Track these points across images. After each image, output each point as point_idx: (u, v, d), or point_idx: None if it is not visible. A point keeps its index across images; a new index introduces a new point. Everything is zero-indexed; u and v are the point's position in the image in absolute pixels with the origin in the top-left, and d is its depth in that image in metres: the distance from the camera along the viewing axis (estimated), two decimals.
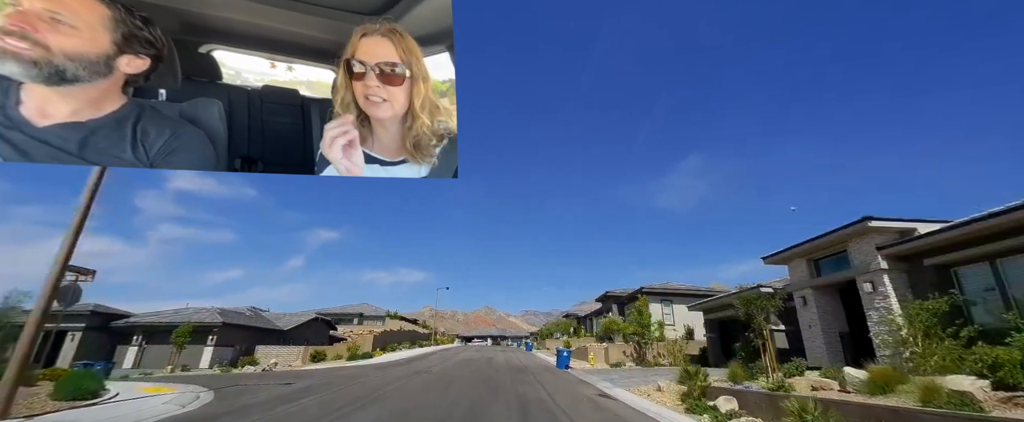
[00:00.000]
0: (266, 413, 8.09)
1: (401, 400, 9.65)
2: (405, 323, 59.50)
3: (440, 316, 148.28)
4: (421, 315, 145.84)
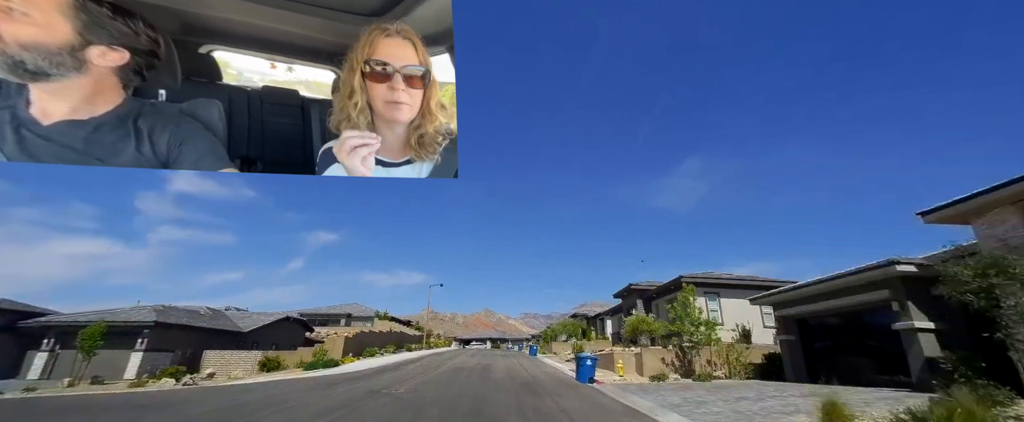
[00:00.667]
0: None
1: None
2: (397, 324, 53.39)
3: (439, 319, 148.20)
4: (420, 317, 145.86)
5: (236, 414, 9.07)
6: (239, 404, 10.83)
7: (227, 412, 9.48)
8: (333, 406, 9.58)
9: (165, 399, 12.88)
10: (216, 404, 11.02)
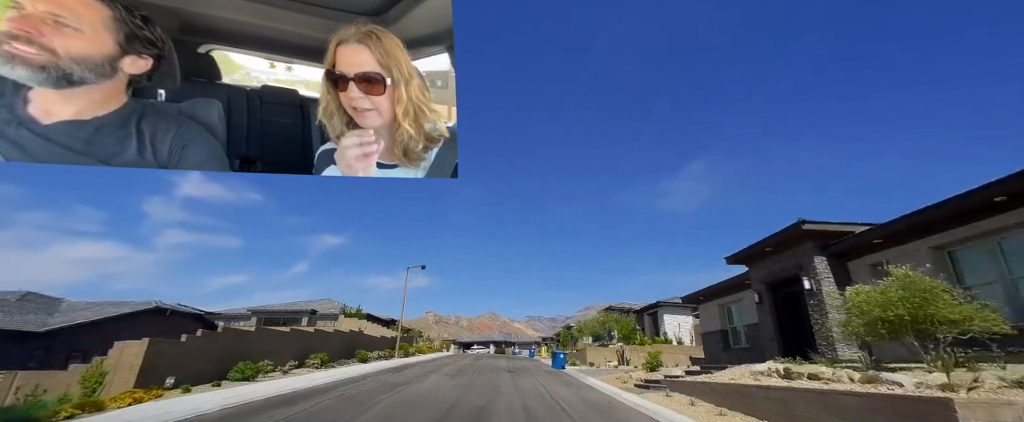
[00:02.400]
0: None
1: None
2: (372, 324, 37.36)
3: (444, 322, 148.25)
4: (425, 320, 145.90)
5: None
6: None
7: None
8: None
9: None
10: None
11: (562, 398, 10.29)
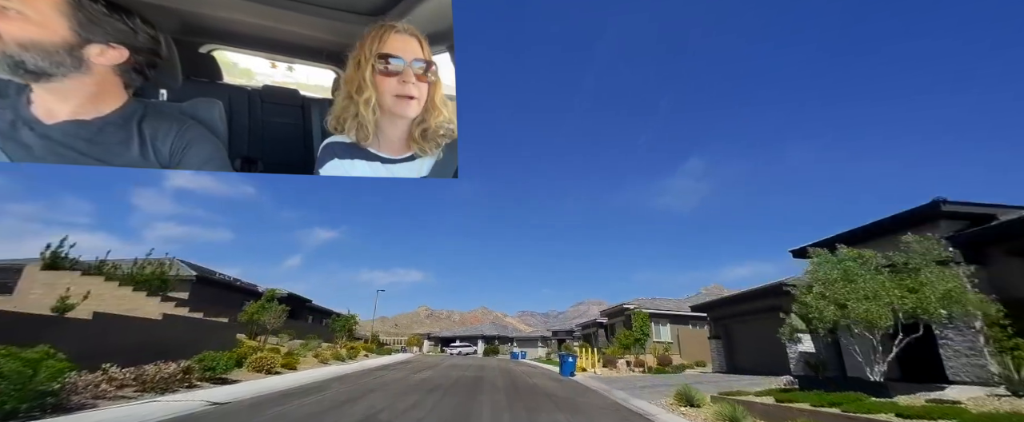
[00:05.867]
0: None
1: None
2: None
3: (436, 316, 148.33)
4: (417, 315, 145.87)
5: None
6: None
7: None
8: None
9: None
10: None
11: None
